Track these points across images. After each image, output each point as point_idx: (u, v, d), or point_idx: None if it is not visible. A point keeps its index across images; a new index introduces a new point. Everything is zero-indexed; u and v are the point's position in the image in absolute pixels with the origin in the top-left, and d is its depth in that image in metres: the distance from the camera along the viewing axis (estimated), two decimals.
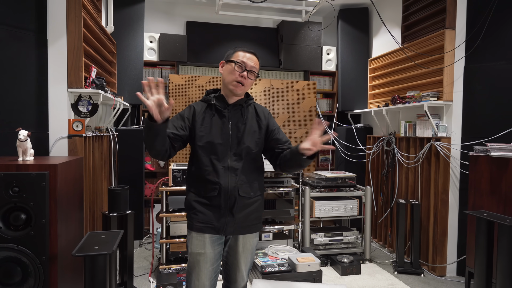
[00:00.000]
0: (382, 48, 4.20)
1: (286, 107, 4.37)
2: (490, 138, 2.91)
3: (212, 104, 1.67)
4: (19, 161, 1.83)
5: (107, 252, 1.59)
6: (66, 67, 2.52)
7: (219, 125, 1.64)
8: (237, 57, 1.65)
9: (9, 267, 1.67)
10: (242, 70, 1.62)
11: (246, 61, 1.63)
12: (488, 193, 2.60)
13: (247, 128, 1.68)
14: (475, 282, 2.41)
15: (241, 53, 1.67)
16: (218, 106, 1.66)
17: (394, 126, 3.90)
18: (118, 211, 2.69)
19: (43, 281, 1.68)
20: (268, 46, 4.57)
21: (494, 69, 2.96)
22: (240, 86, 1.63)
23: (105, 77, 3.18)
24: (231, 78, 1.63)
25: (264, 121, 1.74)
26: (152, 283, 2.91)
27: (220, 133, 1.63)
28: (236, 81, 1.62)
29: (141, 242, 3.89)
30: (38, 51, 2.41)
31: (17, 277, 1.67)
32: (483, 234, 2.36)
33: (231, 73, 1.64)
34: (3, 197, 1.64)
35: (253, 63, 1.66)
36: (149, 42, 4.15)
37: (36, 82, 2.41)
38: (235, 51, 1.69)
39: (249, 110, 1.73)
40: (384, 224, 3.95)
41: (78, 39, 2.52)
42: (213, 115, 1.65)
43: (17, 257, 1.66)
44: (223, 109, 1.67)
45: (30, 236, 1.67)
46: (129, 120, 4.07)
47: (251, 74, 1.65)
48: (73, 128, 2.55)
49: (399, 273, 3.20)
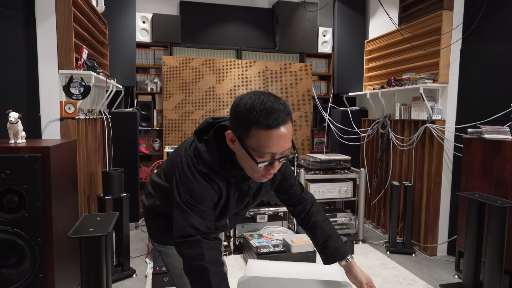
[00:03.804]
0: (379, 29, 4.15)
1: (281, 90, 4.33)
2: (484, 120, 2.92)
3: (230, 181, 1.16)
4: (11, 143, 1.81)
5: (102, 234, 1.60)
6: (56, 47, 2.46)
7: (236, 203, 1.22)
8: (258, 142, 0.98)
9: (5, 249, 1.67)
10: (269, 163, 1.03)
11: (277, 149, 0.99)
12: (480, 175, 2.63)
13: (260, 197, 1.31)
14: (465, 261, 2.47)
15: (264, 132, 0.96)
16: (239, 182, 1.18)
17: (389, 109, 3.90)
18: (113, 194, 2.70)
19: (39, 263, 1.69)
20: (263, 27, 4.49)
21: (490, 52, 2.94)
22: (268, 177, 1.08)
23: (97, 59, 3.12)
24: (252, 173, 1.07)
25: (278, 177, 1.32)
26: (149, 264, 2.95)
27: (235, 210, 1.25)
28: (262, 175, 1.07)
29: (137, 224, 3.92)
30: (26, 31, 2.34)
31: (13, 259, 1.68)
32: (474, 215, 2.40)
33: (250, 167, 1.06)
34: None
35: (287, 143, 1.01)
36: (142, 23, 4.05)
37: (26, 63, 2.35)
38: (254, 125, 0.97)
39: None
40: (377, 205, 4.01)
41: (67, 19, 2.45)
42: (233, 194, 1.19)
43: (12, 240, 1.66)
44: (243, 186, 1.20)
45: (25, 218, 1.67)
46: (123, 102, 4.02)
47: (284, 158, 1.05)
48: (65, 110, 2.52)
49: (391, 253, 3.26)
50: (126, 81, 3.88)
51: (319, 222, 1.36)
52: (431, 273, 2.87)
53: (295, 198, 1.40)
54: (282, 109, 0.98)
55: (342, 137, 4.28)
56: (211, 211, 1.11)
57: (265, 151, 0.99)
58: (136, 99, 4.13)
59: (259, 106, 0.96)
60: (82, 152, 2.75)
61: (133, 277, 2.73)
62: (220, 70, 4.14)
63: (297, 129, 4.42)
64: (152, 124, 4.15)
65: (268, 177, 1.07)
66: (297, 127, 4.42)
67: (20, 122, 1.86)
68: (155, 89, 4.21)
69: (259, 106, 0.96)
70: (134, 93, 4.14)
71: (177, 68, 4.02)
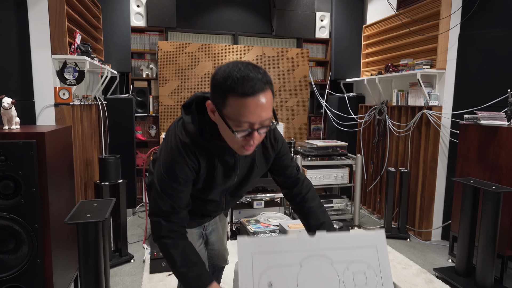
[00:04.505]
0: (377, 14, 4.10)
1: (278, 76, 4.30)
2: (481, 106, 2.92)
3: (213, 154, 1.14)
4: (5, 129, 1.78)
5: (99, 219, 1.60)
6: (48, 31, 2.41)
7: (222, 178, 1.19)
8: (234, 111, 0.96)
9: (2, 235, 1.67)
10: (248, 134, 1.00)
11: (254, 118, 0.96)
12: (476, 161, 2.65)
13: (253, 173, 1.27)
14: (459, 245, 2.51)
15: (240, 100, 0.94)
16: (223, 156, 1.16)
17: (386, 95, 3.89)
18: (110, 180, 2.69)
19: (37, 249, 1.70)
20: (260, 11, 4.42)
21: (489, 37, 2.92)
22: (249, 148, 1.04)
23: (91, 43, 3.06)
24: (232, 142, 1.05)
25: (272, 154, 1.28)
26: (147, 249, 2.97)
27: (222, 185, 1.22)
28: (242, 146, 1.03)
29: (134, 210, 3.93)
30: (17, 15, 2.29)
31: (10, 245, 1.68)
32: (468, 200, 2.43)
33: (230, 138, 1.03)
34: None
35: (265, 112, 0.97)
36: (136, 7, 3.97)
37: (18, 48, 2.31)
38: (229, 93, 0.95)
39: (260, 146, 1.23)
40: (373, 191, 4.04)
41: (60, 2, 2.40)
42: (216, 167, 1.16)
43: (9, 225, 1.66)
44: (229, 159, 1.17)
45: (21, 204, 1.66)
46: (118, 88, 3.97)
47: (264, 129, 1.01)
48: (60, 96, 2.48)
49: (386, 238, 3.30)
50: (121, 67, 3.83)
51: (314, 209, 1.35)
52: (425, 257, 2.92)
53: (290, 180, 1.38)
54: (260, 78, 0.96)
55: (339, 124, 4.28)
56: (183, 189, 1.12)
57: (242, 119, 0.96)
58: (132, 85, 4.08)
59: (235, 74, 0.94)
60: (78, 138, 2.73)
61: (131, 262, 2.76)
62: (216, 56, 4.09)
63: (294, 115, 4.41)
64: (148, 111, 4.11)
65: (248, 149, 1.04)
66: (294, 114, 4.41)
67: (14, 107, 1.84)
68: (151, 75, 4.17)
69: (235, 74, 0.94)
70: (129, 79, 4.09)
71: (173, 54, 3.97)
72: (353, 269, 1.03)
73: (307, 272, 1.01)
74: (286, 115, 4.37)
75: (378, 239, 1.08)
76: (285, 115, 4.37)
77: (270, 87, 0.99)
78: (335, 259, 1.04)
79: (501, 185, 2.31)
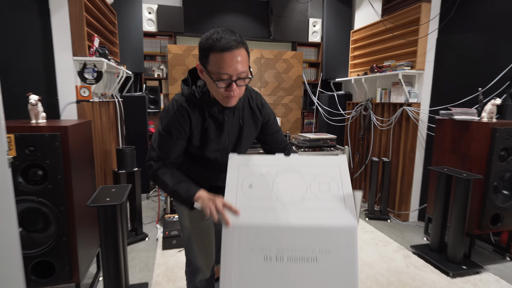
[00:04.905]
0: (363, 20, 4.07)
1: (275, 76, 4.29)
2: (455, 103, 2.92)
3: (204, 110, 1.19)
4: (32, 123, 1.79)
5: (117, 203, 1.62)
6: (70, 36, 2.39)
7: (215, 133, 1.23)
8: (215, 65, 1.04)
9: (32, 216, 1.69)
10: (228, 85, 1.07)
11: (230, 70, 1.03)
12: (450, 152, 2.67)
13: (244, 133, 1.29)
14: (433, 225, 2.54)
15: (218, 55, 1.02)
16: (212, 112, 1.20)
17: (371, 93, 3.88)
18: (126, 169, 2.71)
19: (63, 228, 1.72)
20: (259, 18, 4.39)
21: (463, 41, 2.91)
22: (231, 100, 1.11)
23: (108, 47, 3.04)
24: (216, 94, 1.11)
25: (260, 118, 1.32)
26: (159, 229, 3.00)
27: (217, 142, 1.25)
28: (225, 97, 1.10)
29: (148, 195, 3.96)
30: (41, 20, 2.27)
31: (39, 225, 1.71)
32: (442, 186, 2.45)
33: (215, 90, 1.10)
34: (21, 156, 1.63)
35: (240, 66, 1.04)
36: (148, 13, 3.94)
37: (43, 50, 2.30)
38: (209, 50, 1.03)
39: (245, 108, 1.28)
40: (359, 178, 4.06)
41: (79, 9, 2.38)
42: (208, 123, 1.21)
43: (38, 208, 1.68)
44: (218, 115, 1.21)
45: (48, 189, 1.68)
46: (132, 87, 3.96)
47: (242, 81, 1.08)
48: (81, 94, 2.48)
49: (369, 219, 3.34)
50: (135, 68, 3.81)
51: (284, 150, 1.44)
52: (403, 236, 2.95)
53: (280, 147, 1.43)
54: (234, 38, 1.03)
55: (329, 119, 4.28)
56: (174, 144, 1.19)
57: (221, 71, 1.04)
58: (145, 84, 4.06)
59: (215, 36, 1.03)
60: (97, 131, 2.74)
61: (146, 240, 2.79)
62: None
63: (289, 111, 4.40)
64: (159, 107, 4.11)
65: (231, 99, 1.10)
66: (289, 110, 4.40)
67: (40, 104, 1.84)
68: (162, 75, 4.15)
69: (215, 35, 1.03)
70: (142, 79, 4.07)
71: (181, 56, 3.95)
72: (319, 180, 1.10)
73: (281, 179, 1.10)
74: (282, 111, 4.37)
75: (341, 161, 1.15)
76: (281, 111, 4.37)
77: (244, 46, 1.07)
78: (304, 172, 1.11)
79: (471, 173, 2.33)
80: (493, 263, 2.46)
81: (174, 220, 2.99)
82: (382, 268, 2.36)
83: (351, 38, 4.24)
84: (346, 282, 0.91)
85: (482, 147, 2.36)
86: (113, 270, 1.67)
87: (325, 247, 0.93)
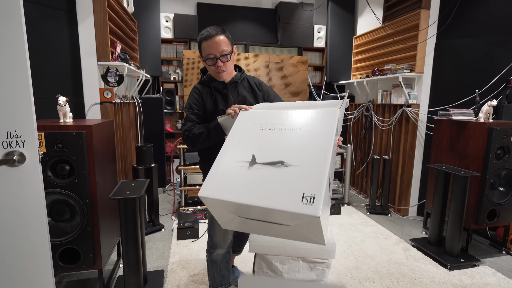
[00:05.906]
0: (365, 26, 4.01)
1: (282, 79, 4.26)
2: (453, 104, 2.86)
3: (211, 87, 1.47)
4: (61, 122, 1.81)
5: (136, 196, 1.63)
6: (94, 42, 2.42)
7: (223, 104, 1.45)
8: (204, 50, 1.36)
9: (60, 207, 1.71)
10: (214, 62, 1.37)
11: (213, 51, 1.34)
12: (447, 150, 2.61)
13: (246, 103, 1.48)
14: (431, 220, 2.49)
15: (204, 43, 1.35)
16: (217, 87, 1.46)
17: (373, 95, 3.82)
18: (145, 164, 2.73)
19: (87, 218, 1.74)
20: (267, 25, 4.36)
21: (460, 45, 2.83)
22: (222, 74, 1.41)
23: (129, 52, 3.07)
24: (211, 72, 1.42)
25: (259, 93, 1.52)
26: (174, 220, 3.02)
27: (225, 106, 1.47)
28: (216, 72, 1.40)
29: (164, 189, 3.99)
30: (69, 29, 2.30)
31: (66, 215, 1.73)
32: (440, 183, 2.40)
33: (209, 69, 1.41)
34: (50, 152, 1.65)
35: (220, 46, 1.34)
36: (165, 22, 3.96)
37: (71, 56, 2.33)
38: (200, 42, 1.37)
39: (244, 84, 1.52)
40: (361, 175, 4.01)
41: (103, 18, 2.40)
42: (215, 96, 1.46)
43: (65, 200, 1.70)
44: (222, 89, 1.47)
45: (74, 183, 1.70)
46: (151, 89, 3.99)
47: (224, 57, 1.37)
48: (104, 95, 2.51)
49: (371, 213, 3.30)
50: (153, 72, 3.83)
51: None
52: (403, 230, 2.90)
53: None
54: (216, 29, 1.35)
55: None
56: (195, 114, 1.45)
57: (208, 53, 1.36)
58: (162, 86, 4.09)
59: (203, 31, 1.38)
60: (119, 130, 2.77)
61: (162, 231, 2.81)
62: None
63: None
64: (175, 108, 4.13)
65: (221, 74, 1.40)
66: None
67: (67, 105, 1.86)
68: (177, 78, 4.17)
69: (203, 31, 1.38)
70: (160, 82, 4.10)
71: (195, 61, 3.96)
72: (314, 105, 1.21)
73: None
74: None
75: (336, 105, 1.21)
76: None
77: (224, 34, 1.37)
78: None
79: (468, 171, 2.27)
80: (490, 256, 2.40)
81: (188, 213, 3.01)
82: (383, 260, 2.33)
83: (353, 43, 4.18)
84: (323, 140, 0.99)
85: (479, 146, 2.30)
86: (132, 257, 1.69)
87: (310, 122, 1.06)
